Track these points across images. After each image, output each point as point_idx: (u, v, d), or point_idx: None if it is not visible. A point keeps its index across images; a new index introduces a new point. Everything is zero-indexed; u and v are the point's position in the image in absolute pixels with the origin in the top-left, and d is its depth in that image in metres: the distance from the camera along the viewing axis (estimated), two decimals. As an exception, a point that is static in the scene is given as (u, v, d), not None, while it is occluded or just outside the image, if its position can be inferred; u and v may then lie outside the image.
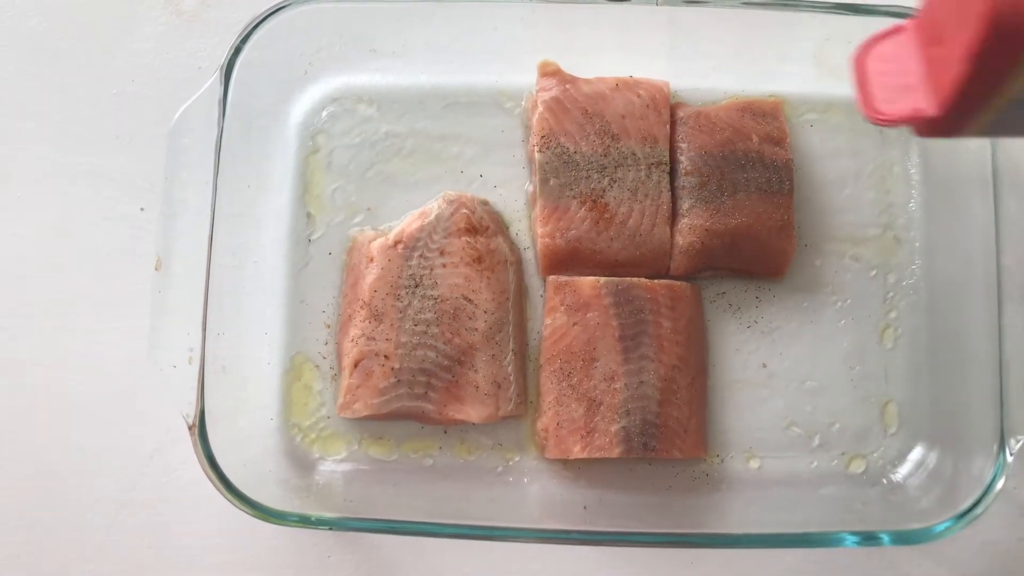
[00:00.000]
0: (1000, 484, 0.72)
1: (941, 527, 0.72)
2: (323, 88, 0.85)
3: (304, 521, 0.72)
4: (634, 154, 0.80)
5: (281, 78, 0.83)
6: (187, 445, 0.71)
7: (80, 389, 0.83)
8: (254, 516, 0.71)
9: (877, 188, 0.85)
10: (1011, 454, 0.72)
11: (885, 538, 0.71)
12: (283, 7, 0.78)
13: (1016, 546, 0.81)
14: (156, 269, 0.74)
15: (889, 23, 0.76)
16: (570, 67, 0.82)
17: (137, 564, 0.81)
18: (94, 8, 0.90)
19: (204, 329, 0.73)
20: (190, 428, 0.71)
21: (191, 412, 0.71)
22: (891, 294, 0.83)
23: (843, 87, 0.84)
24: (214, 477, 0.71)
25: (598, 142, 0.81)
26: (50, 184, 0.87)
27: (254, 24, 0.77)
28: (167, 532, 0.82)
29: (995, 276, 0.75)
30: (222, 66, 0.76)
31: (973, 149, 0.78)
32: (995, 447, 0.72)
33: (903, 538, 0.72)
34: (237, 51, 0.77)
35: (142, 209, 0.86)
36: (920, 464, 0.80)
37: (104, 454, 0.83)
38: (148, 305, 0.73)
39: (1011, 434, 0.72)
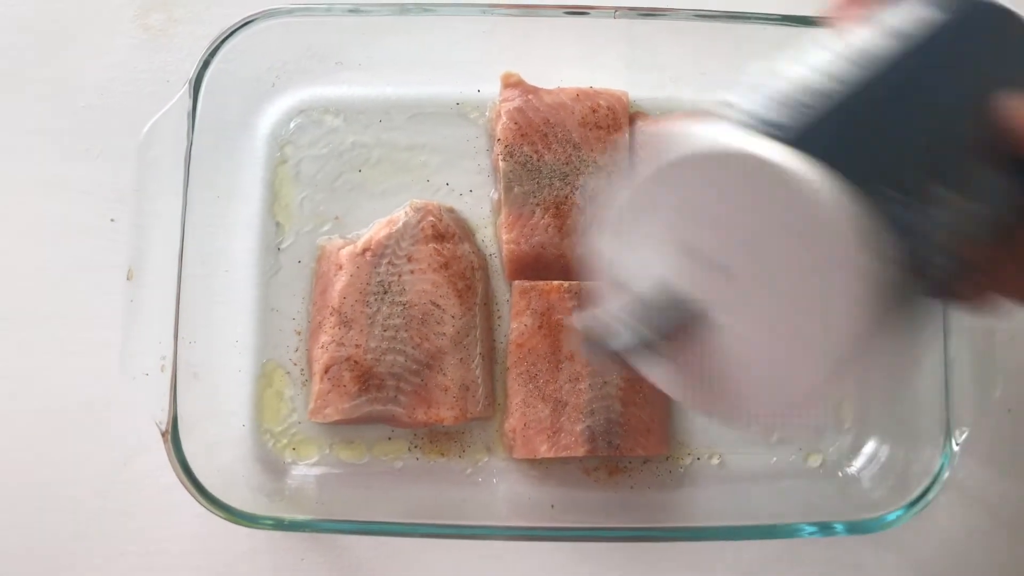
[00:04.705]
0: (947, 474, 0.75)
1: (892, 516, 0.74)
2: (290, 100, 0.86)
3: (278, 524, 0.73)
4: (595, 162, 0.83)
5: (249, 91, 0.84)
6: (160, 452, 0.72)
7: (51, 400, 0.84)
8: (228, 520, 0.72)
9: (829, 192, 0.88)
10: (957, 444, 0.75)
11: (839, 527, 0.74)
12: (250, 21, 0.79)
13: (966, 534, 0.84)
14: (128, 279, 0.75)
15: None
16: (532, 78, 0.85)
17: (112, 570, 0.82)
18: (62, 23, 0.91)
19: (176, 338, 0.74)
20: (163, 434, 0.72)
21: (164, 419, 0.73)
22: (844, 294, 0.86)
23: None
24: (187, 482, 0.72)
25: (560, 151, 0.83)
26: (19, 197, 0.88)
27: (222, 38, 0.79)
28: (142, 538, 0.82)
29: (941, 275, 0.79)
30: (191, 80, 0.77)
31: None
32: (942, 439, 0.76)
33: (857, 527, 0.75)
34: (206, 65, 0.78)
35: (113, 220, 0.87)
36: (873, 457, 0.83)
37: (77, 464, 0.83)
38: (120, 315, 0.74)
39: (956, 426, 0.75)
